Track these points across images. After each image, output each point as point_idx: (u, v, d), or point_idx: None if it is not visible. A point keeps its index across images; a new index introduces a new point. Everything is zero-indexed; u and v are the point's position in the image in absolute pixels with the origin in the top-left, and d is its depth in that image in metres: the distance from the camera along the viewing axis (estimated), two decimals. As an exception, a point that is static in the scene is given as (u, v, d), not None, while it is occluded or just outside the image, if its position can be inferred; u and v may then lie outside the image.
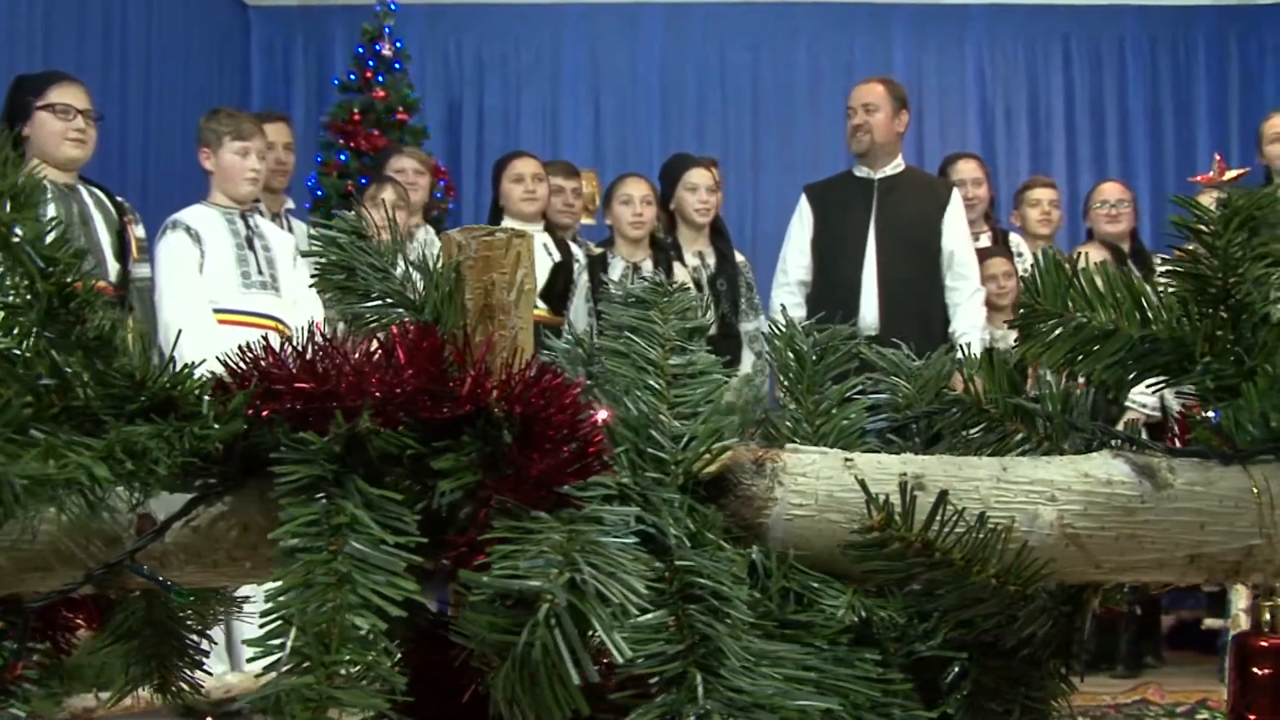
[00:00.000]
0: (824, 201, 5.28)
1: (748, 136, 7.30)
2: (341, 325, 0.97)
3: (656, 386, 0.95)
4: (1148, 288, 0.99)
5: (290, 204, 5.65)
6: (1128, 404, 1.07)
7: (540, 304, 5.59)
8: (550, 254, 5.64)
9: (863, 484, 0.86)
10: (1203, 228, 0.94)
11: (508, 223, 5.60)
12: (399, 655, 0.91)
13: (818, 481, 0.93)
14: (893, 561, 0.87)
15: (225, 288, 4.82)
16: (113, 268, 4.64)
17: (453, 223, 6.67)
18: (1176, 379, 0.99)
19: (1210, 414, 0.92)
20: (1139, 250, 5.78)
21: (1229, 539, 0.94)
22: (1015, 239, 5.84)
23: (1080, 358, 1.00)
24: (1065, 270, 1.00)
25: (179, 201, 5.04)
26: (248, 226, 5.00)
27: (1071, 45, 7.29)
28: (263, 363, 0.91)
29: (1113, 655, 4.79)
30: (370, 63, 6.38)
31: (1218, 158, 6.08)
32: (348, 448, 0.85)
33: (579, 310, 5.36)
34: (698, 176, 5.37)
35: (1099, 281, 1.00)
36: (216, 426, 0.87)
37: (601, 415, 0.87)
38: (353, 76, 6.42)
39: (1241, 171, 5.92)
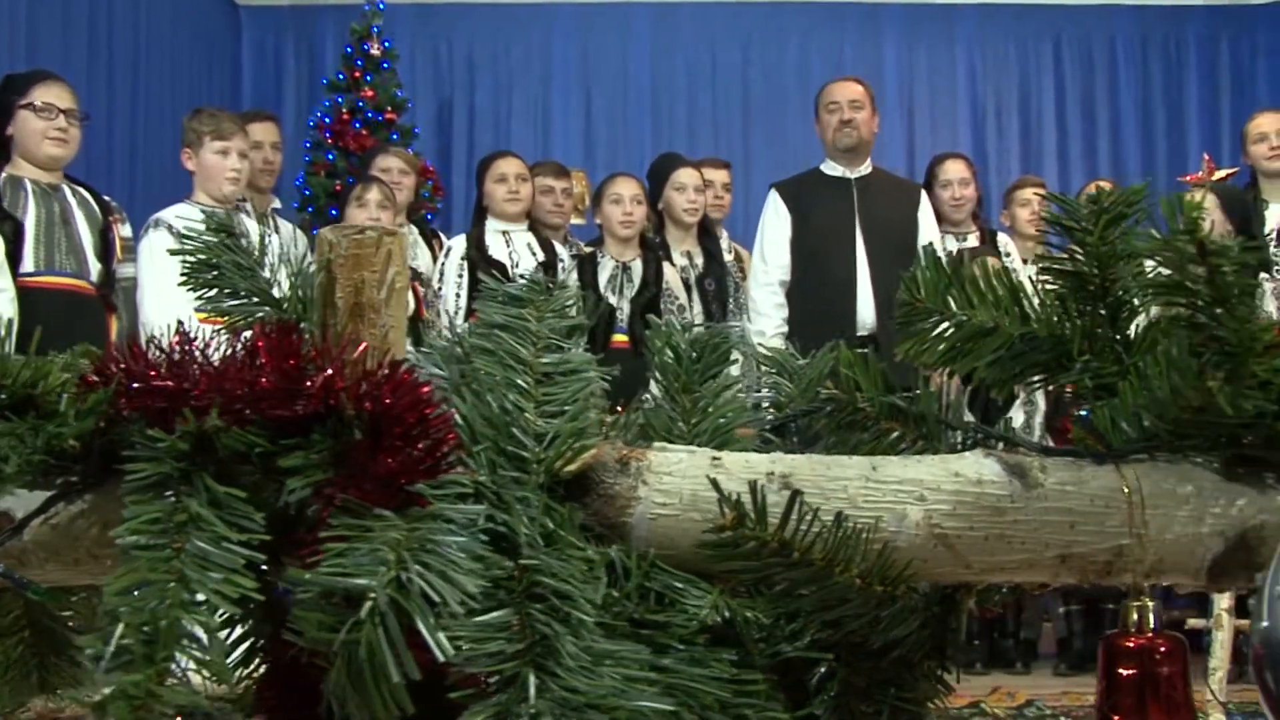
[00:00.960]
0: (799, 199, 5.25)
1: (738, 136, 7.29)
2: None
3: (523, 385, 0.94)
4: (1028, 285, 0.99)
5: (277, 203, 5.65)
6: None
7: (526, 304, 5.58)
8: (535, 254, 5.64)
9: (714, 483, 0.86)
10: (1074, 225, 0.93)
11: (492, 223, 5.60)
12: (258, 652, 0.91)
13: (683, 480, 0.92)
14: (749, 561, 0.86)
15: (208, 287, 4.83)
16: (94, 267, 4.64)
17: (441, 223, 6.66)
18: (1056, 377, 0.99)
19: (1081, 412, 0.91)
20: (1127, 250, 5.76)
21: (1099, 539, 0.93)
22: (1003, 239, 5.83)
23: (960, 356, 0.99)
24: (945, 268, 0.99)
25: (167, 202, 5.04)
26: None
27: (1063, 44, 7.27)
28: (125, 361, 0.90)
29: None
30: (359, 62, 6.38)
31: (1206, 158, 6.07)
32: (198, 446, 0.84)
33: (565, 310, 5.35)
34: (686, 176, 5.36)
35: (979, 279, 0.99)
36: (71, 424, 0.86)
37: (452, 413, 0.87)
38: (341, 76, 6.42)
39: (1231, 171, 5.90)
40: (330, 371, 0.85)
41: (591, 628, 0.81)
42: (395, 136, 6.39)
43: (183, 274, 0.98)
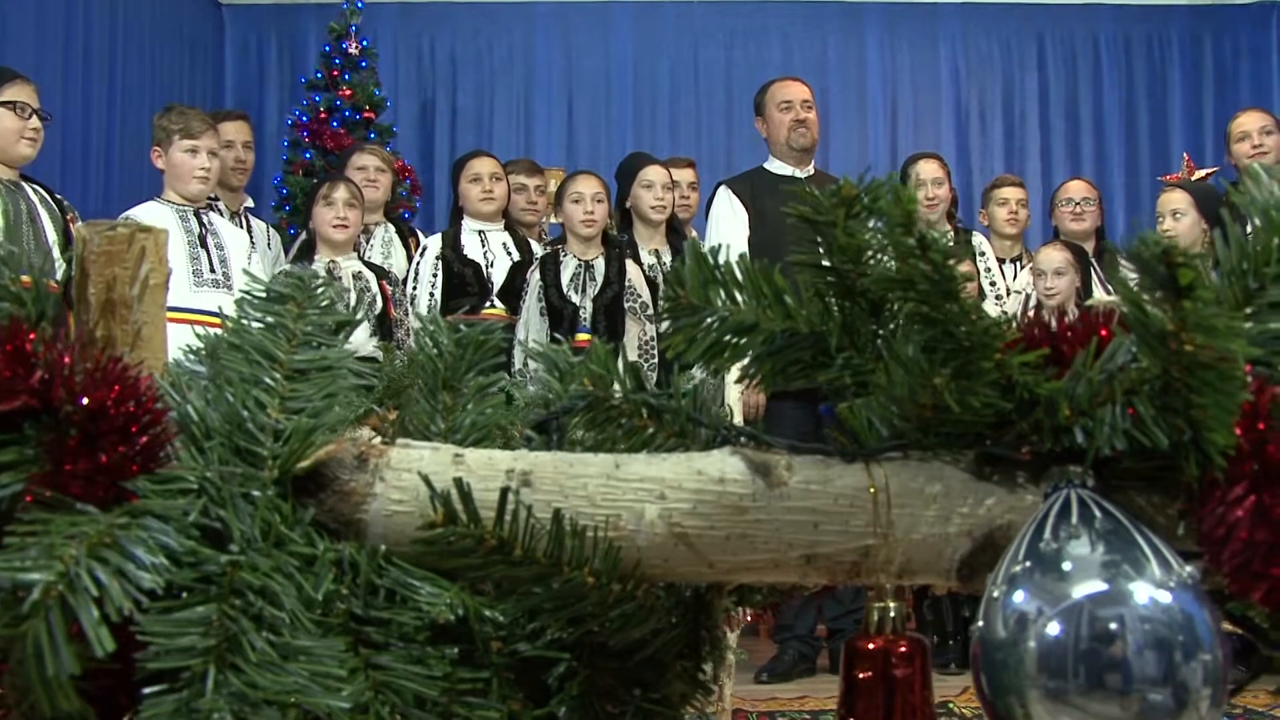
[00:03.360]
0: (754, 197, 5.22)
1: (720, 134, 7.28)
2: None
3: (269, 381, 0.94)
4: (789, 281, 0.98)
5: (250, 202, 5.67)
6: None
7: (498, 303, 5.60)
8: (510, 253, 5.64)
9: (426, 480, 0.85)
10: (820, 218, 0.92)
11: (468, 222, 5.61)
12: None
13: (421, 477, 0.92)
14: (468, 559, 0.86)
15: (176, 286, 4.84)
16: (61, 265, 4.67)
17: (423, 222, 6.67)
18: (817, 374, 0.98)
19: (822, 409, 0.90)
20: (1104, 249, 5.74)
21: (844, 539, 0.92)
22: (978, 238, 5.81)
23: (724, 352, 0.98)
24: (708, 262, 0.98)
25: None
26: (201, 224, 5.03)
27: (1046, 44, 7.23)
28: None
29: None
30: (336, 61, 6.39)
31: (1186, 157, 6.03)
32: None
33: (531, 309, 5.35)
34: (653, 174, 5.36)
35: (740, 274, 0.98)
36: None
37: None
38: (319, 75, 6.44)
39: (1211, 171, 5.87)
40: (50, 366, 0.85)
41: (290, 624, 0.80)
42: (373, 136, 6.40)
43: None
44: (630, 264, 5.28)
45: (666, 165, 5.53)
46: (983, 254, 5.67)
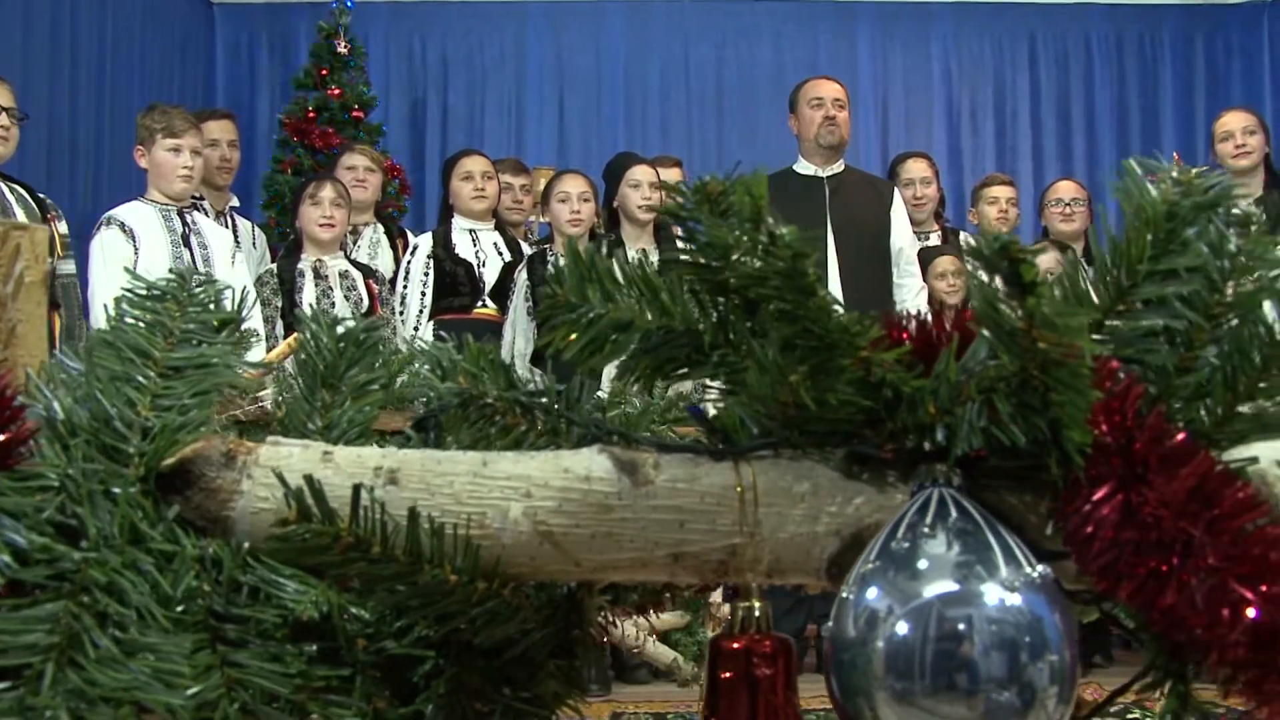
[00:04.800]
0: (770, 198, 5.24)
1: (712, 134, 7.28)
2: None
3: (142, 380, 0.94)
4: (665, 278, 0.97)
5: (235, 201, 5.69)
6: None
7: (490, 303, 5.60)
8: (501, 253, 5.64)
9: (280, 477, 0.85)
10: (686, 215, 0.92)
11: (459, 221, 5.62)
12: None
13: (289, 475, 0.92)
14: (324, 556, 0.86)
15: (159, 284, 4.86)
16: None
17: (411, 221, 6.68)
18: (692, 371, 0.97)
19: (689, 408, 0.90)
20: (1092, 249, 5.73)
21: (710, 537, 0.92)
22: (965, 237, 5.80)
23: (600, 350, 0.98)
24: (585, 261, 0.98)
25: (136, 203, 5.07)
26: (185, 224, 5.04)
27: (1038, 43, 7.22)
28: None
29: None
30: (326, 60, 6.40)
31: (1175, 157, 5.99)
32: None
33: (518, 308, 5.36)
34: (640, 173, 5.37)
35: (617, 272, 0.98)
36: None
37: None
38: (308, 75, 6.45)
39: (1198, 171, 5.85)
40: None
41: (139, 620, 0.80)
42: (361, 135, 6.41)
43: None
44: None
45: (653, 164, 5.54)
46: (970, 253, 5.67)
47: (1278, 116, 6.82)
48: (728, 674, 0.89)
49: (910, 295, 5.26)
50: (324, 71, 6.33)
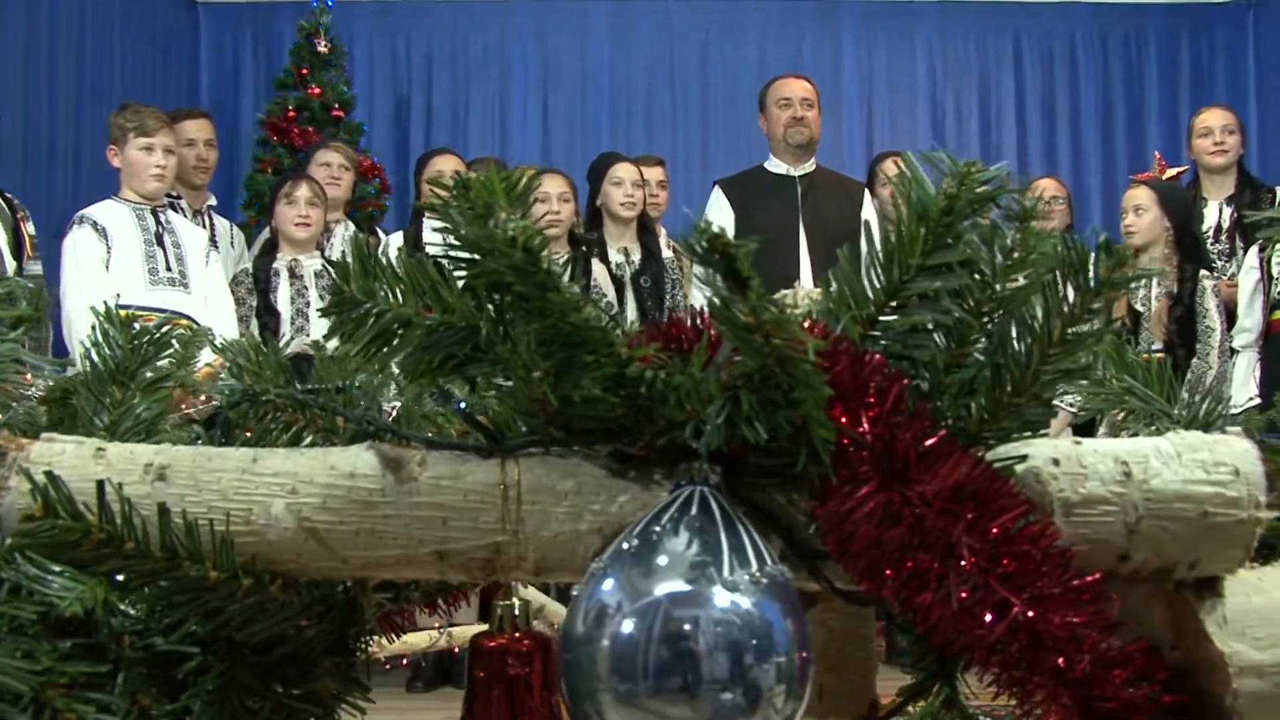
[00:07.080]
0: (742, 196, 5.28)
1: (696, 133, 7.27)
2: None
3: (-82, 374, 0.94)
4: (447, 276, 0.97)
5: (213, 200, 5.70)
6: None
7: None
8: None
9: (26, 474, 0.86)
10: (454, 216, 0.92)
11: (430, 221, 5.60)
12: None
13: (62, 471, 0.92)
14: (76, 552, 0.86)
15: (132, 284, 4.86)
16: (10, 265, 4.70)
17: (392, 220, 6.69)
18: (470, 368, 0.97)
19: (455, 405, 0.90)
20: (1070, 249, 5.71)
21: (474, 535, 0.92)
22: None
23: (385, 346, 0.98)
24: (368, 256, 0.98)
25: (117, 203, 5.08)
26: (158, 223, 5.05)
27: (1022, 42, 7.19)
28: None
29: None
30: (307, 60, 6.42)
31: (1157, 156, 5.98)
32: None
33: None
34: (623, 171, 5.37)
35: (399, 268, 0.98)
36: None
37: None
38: (289, 74, 6.47)
39: (1180, 170, 5.83)
40: None
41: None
42: (341, 135, 6.42)
43: None
44: (596, 263, 5.29)
45: (636, 163, 5.54)
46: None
47: (1262, 115, 6.79)
48: (483, 673, 0.89)
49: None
50: (304, 71, 6.35)
